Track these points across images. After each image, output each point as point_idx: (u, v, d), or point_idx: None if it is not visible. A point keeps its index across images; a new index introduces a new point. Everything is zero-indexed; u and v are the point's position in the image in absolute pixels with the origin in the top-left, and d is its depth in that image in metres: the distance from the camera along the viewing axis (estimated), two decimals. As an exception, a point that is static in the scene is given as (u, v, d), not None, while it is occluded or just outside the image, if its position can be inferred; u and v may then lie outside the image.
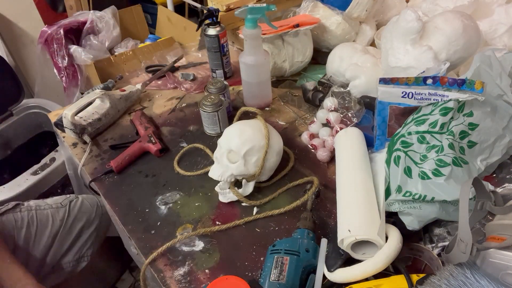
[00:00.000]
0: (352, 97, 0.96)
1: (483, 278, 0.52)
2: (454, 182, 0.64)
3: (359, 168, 0.75)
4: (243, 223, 0.79)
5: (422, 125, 0.69)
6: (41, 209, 1.08)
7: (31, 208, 1.07)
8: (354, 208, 0.68)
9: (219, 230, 0.79)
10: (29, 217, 1.05)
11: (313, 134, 0.96)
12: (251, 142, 0.81)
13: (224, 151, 0.82)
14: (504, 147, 0.71)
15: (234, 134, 0.83)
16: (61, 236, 1.08)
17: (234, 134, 0.83)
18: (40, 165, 1.42)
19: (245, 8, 0.92)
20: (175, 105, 1.15)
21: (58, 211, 1.09)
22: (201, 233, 0.77)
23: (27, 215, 1.05)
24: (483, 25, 1.00)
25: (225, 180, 0.81)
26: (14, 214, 1.04)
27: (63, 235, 1.08)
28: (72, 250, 1.10)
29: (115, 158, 0.94)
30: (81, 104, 1.02)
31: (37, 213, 1.06)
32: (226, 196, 0.83)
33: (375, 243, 0.62)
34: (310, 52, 1.16)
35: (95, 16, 1.63)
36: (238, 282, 0.57)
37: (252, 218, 0.80)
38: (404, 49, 0.88)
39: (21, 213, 1.05)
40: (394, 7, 1.22)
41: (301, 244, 0.66)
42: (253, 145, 0.81)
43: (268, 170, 0.85)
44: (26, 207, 1.07)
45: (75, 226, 1.10)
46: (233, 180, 0.82)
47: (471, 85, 0.66)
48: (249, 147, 0.81)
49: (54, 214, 1.08)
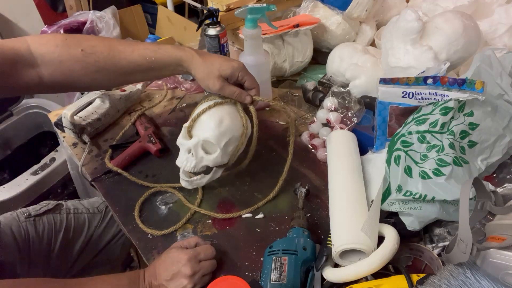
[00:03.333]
0: (352, 97, 0.96)
1: (483, 278, 0.52)
2: (454, 181, 0.64)
3: (346, 174, 0.76)
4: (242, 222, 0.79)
5: (423, 124, 0.69)
6: (79, 212, 1.05)
7: (69, 210, 1.04)
8: (340, 217, 0.68)
9: (219, 230, 0.79)
10: (67, 220, 1.02)
11: (313, 134, 0.96)
12: (231, 132, 0.77)
13: (199, 141, 0.77)
14: (505, 146, 0.71)
15: (212, 124, 0.76)
16: (92, 242, 1.06)
17: (213, 124, 0.76)
18: (40, 165, 1.42)
19: (245, 8, 0.92)
20: (175, 105, 1.15)
21: (94, 217, 1.07)
22: (201, 233, 0.77)
23: (66, 217, 1.02)
24: (483, 25, 1.00)
25: (198, 170, 0.78)
26: (54, 216, 1.01)
27: (95, 241, 1.06)
28: (99, 256, 1.08)
29: (115, 158, 0.94)
30: (81, 104, 1.02)
31: (75, 217, 1.04)
32: (192, 183, 0.82)
33: (362, 250, 0.62)
34: (310, 52, 1.16)
35: (95, 16, 1.63)
36: (238, 282, 0.57)
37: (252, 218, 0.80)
38: (404, 49, 0.88)
39: (60, 215, 1.02)
40: (394, 7, 1.22)
41: (298, 243, 0.66)
42: (232, 136, 0.77)
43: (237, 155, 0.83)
44: (65, 209, 1.04)
45: (106, 232, 1.08)
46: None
47: (471, 84, 0.66)
48: (228, 138, 0.77)
49: (90, 219, 1.06)
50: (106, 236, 1.08)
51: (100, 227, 1.07)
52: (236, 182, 0.88)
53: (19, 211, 1.00)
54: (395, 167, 0.69)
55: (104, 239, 1.08)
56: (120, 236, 1.11)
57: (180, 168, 0.81)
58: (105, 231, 1.08)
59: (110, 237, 1.09)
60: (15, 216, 0.98)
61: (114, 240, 1.10)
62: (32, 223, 0.98)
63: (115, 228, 1.10)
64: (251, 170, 0.91)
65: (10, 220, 0.97)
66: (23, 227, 0.97)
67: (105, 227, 1.08)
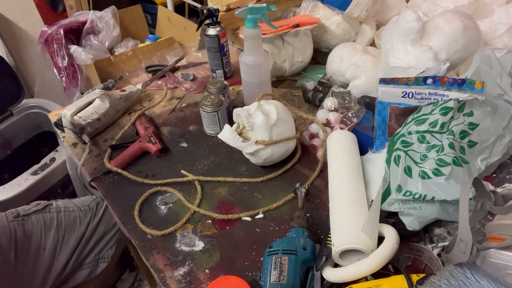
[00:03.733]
0: (352, 97, 0.96)
1: (483, 278, 0.52)
2: (454, 181, 0.64)
3: (346, 174, 0.76)
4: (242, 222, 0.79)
5: (422, 124, 0.69)
6: (70, 210, 1.06)
7: (60, 209, 1.05)
8: (340, 217, 0.68)
9: (219, 230, 0.79)
10: (58, 218, 1.03)
11: (313, 134, 0.96)
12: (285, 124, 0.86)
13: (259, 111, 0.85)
14: (505, 146, 0.71)
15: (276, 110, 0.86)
16: (86, 238, 1.07)
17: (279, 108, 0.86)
18: (40, 165, 1.42)
19: (245, 8, 0.92)
20: (175, 105, 1.15)
21: (86, 214, 1.08)
22: (201, 233, 0.77)
23: (56, 216, 1.03)
24: (483, 25, 1.00)
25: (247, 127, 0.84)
26: (43, 215, 1.02)
27: (87, 237, 1.07)
28: (93, 252, 1.09)
29: (115, 158, 0.94)
30: (81, 104, 1.02)
31: (65, 215, 1.05)
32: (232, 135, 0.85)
33: (361, 250, 0.62)
34: (310, 52, 1.16)
35: (95, 16, 1.63)
36: (238, 282, 0.57)
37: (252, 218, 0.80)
38: (404, 49, 0.88)
39: (50, 213, 1.03)
40: (394, 7, 1.22)
41: (298, 242, 0.66)
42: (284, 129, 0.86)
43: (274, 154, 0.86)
44: (55, 207, 1.05)
45: (99, 228, 1.09)
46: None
47: (471, 84, 0.66)
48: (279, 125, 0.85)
49: (82, 217, 1.07)
50: (98, 233, 1.09)
51: (91, 224, 1.08)
52: (236, 182, 0.88)
53: (8, 211, 1.00)
54: (395, 167, 0.69)
55: (97, 236, 1.09)
56: (114, 233, 1.11)
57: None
58: (98, 228, 1.09)
59: (102, 233, 1.10)
60: (2, 216, 0.98)
61: (107, 237, 1.11)
62: (21, 222, 0.99)
63: (107, 225, 1.10)
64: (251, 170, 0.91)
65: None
66: (10, 228, 0.96)
67: (97, 223, 1.08)
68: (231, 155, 0.95)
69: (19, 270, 0.96)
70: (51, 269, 1.02)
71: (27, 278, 0.99)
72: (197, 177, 0.89)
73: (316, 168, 0.89)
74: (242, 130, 0.86)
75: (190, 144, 1.00)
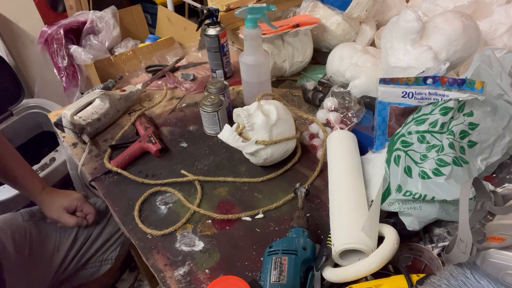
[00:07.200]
0: (352, 97, 0.96)
1: (483, 278, 0.52)
2: (454, 181, 0.64)
3: (346, 174, 0.76)
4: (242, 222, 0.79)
5: (422, 124, 0.69)
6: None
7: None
8: (340, 217, 0.68)
9: (219, 230, 0.79)
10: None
11: (313, 134, 0.96)
12: (285, 124, 0.86)
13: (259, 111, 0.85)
14: (504, 147, 0.71)
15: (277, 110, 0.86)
16: (92, 239, 1.07)
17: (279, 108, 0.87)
18: (40, 165, 1.42)
19: (245, 8, 0.92)
20: (175, 105, 1.14)
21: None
22: (201, 233, 0.77)
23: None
24: (483, 25, 1.00)
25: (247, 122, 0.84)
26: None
27: (94, 238, 1.07)
28: (98, 253, 1.09)
29: (115, 158, 0.94)
30: (81, 104, 1.02)
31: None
32: (232, 135, 0.85)
33: (361, 250, 0.62)
34: (310, 52, 1.16)
35: (95, 16, 1.63)
36: (238, 282, 0.57)
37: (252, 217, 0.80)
38: (404, 49, 0.88)
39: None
40: (394, 7, 1.22)
41: (298, 242, 0.66)
42: (284, 129, 0.86)
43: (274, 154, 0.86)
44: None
45: (105, 230, 1.09)
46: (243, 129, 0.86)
47: (471, 84, 0.66)
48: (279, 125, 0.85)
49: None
50: (105, 234, 1.09)
51: (99, 225, 1.08)
52: (236, 182, 0.88)
53: (22, 210, 1.01)
54: (395, 167, 0.69)
55: (103, 238, 1.09)
56: (119, 235, 1.11)
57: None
58: (104, 229, 1.09)
59: (109, 235, 1.10)
60: (17, 215, 0.98)
61: (113, 239, 1.10)
62: (37, 223, 0.99)
63: (113, 227, 1.10)
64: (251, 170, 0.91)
65: (10, 219, 0.97)
66: (25, 227, 0.97)
67: (104, 225, 1.09)
68: (231, 155, 0.95)
69: (33, 271, 0.97)
70: (59, 269, 1.02)
71: (40, 278, 1.00)
72: (197, 177, 0.89)
73: (316, 168, 0.89)
74: (242, 130, 0.86)
75: (190, 144, 1.00)
